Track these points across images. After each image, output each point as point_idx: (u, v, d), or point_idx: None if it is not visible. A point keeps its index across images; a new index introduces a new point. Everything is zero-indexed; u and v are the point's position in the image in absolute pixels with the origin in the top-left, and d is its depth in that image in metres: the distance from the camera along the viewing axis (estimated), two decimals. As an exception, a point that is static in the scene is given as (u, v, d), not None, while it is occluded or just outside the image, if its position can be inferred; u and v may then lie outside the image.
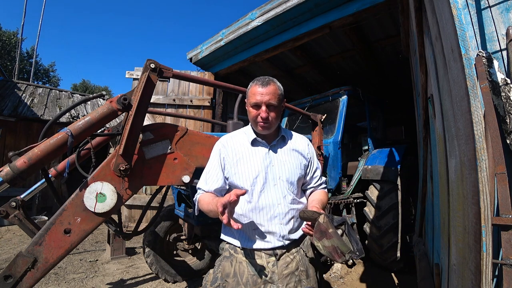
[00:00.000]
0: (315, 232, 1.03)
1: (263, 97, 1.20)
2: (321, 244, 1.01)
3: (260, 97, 1.21)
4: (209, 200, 1.18)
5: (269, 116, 1.22)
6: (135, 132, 1.46)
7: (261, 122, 1.23)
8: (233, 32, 4.58)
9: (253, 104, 1.23)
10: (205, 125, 5.18)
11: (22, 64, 20.01)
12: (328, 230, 1.00)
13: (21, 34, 15.10)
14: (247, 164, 1.25)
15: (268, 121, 1.23)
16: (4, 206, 1.79)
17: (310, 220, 1.07)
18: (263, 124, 1.23)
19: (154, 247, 2.99)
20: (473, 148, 0.87)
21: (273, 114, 1.23)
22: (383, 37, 4.38)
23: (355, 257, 1.01)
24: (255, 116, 1.24)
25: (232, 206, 1.03)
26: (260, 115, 1.22)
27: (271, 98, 1.21)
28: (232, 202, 0.98)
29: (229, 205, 0.99)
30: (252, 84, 1.25)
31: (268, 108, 1.22)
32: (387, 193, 3.30)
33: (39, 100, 8.37)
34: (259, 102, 1.21)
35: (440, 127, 1.53)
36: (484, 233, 0.82)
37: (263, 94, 1.20)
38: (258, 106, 1.22)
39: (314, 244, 1.04)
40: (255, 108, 1.23)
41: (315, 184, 1.40)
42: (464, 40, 0.94)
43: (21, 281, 1.18)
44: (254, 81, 1.26)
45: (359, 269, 3.51)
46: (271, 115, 1.22)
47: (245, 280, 1.19)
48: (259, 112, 1.22)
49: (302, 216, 1.09)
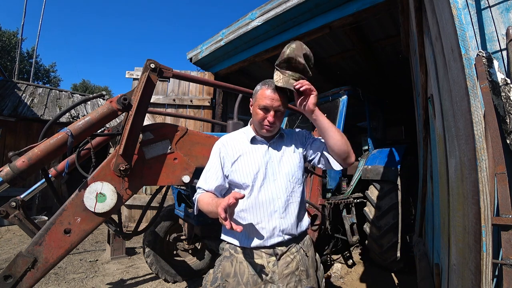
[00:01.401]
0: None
1: (273, 103, 1.22)
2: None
3: (270, 102, 1.22)
4: (209, 200, 1.19)
5: (275, 120, 1.25)
6: (135, 132, 1.45)
7: (267, 126, 1.25)
8: (233, 32, 4.58)
9: (262, 107, 1.24)
10: (205, 125, 5.18)
11: (22, 64, 20.00)
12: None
13: (21, 34, 15.11)
14: (248, 161, 1.27)
15: (274, 125, 1.25)
16: (4, 206, 1.79)
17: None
18: (268, 128, 1.25)
19: (154, 247, 2.99)
20: (473, 148, 0.87)
21: (279, 118, 1.26)
22: (383, 37, 4.37)
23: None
24: (262, 119, 1.25)
25: (232, 209, 1.04)
26: (267, 119, 1.23)
27: (281, 104, 1.23)
28: (232, 205, 0.99)
29: (229, 208, 1.00)
30: (264, 87, 1.25)
31: (275, 113, 1.24)
32: (387, 193, 3.30)
33: (39, 100, 8.37)
34: (269, 107, 1.22)
35: (440, 127, 1.53)
36: (484, 233, 0.82)
37: (274, 99, 1.22)
38: (266, 110, 1.24)
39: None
40: (263, 111, 1.24)
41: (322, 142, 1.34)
42: (464, 40, 0.94)
43: (21, 281, 1.18)
44: (266, 83, 1.26)
45: (359, 269, 3.51)
46: (277, 120, 1.25)
47: (245, 280, 1.19)
48: (266, 116, 1.24)
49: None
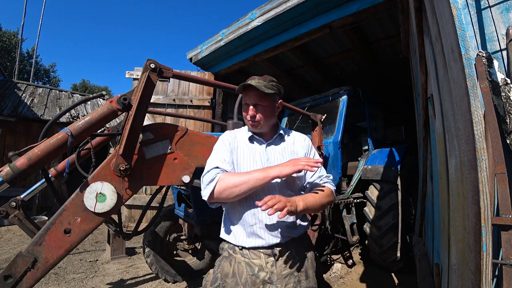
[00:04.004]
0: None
1: (250, 97, 1.26)
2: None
3: (248, 97, 1.27)
4: (243, 174, 1.17)
5: (257, 115, 1.27)
6: (135, 132, 1.45)
7: (249, 121, 1.29)
8: (233, 32, 4.58)
9: (244, 103, 1.30)
10: (205, 125, 5.18)
11: (22, 64, 19.99)
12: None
13: (21, 34, 15.13)
14: (246, 160, 1.28)
15: (257, 120, 1.28)
16: (4, 206, 1.79)
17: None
18: (251, 122, 1.29)
19: (154, 247, 2.99)
20: (473, 148, 0.87)
21: (261, 113, 1.28)
22: (383, 37, 4.38)
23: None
24: (246, 115, 1.30)
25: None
26: (248, 114, 1.27)
27: (258, 98, 1.25)
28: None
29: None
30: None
31: (255, 107, 1.27)
32: (387, 193, 3.30)
33: (39, 100, 8.37)
34: (248, 102, 1.27)
35: (440, 127, 1.53)
36: (484, 233, 0.82)
37: (251, 95, 1.26)
38: (247, 105, 1.29)
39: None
40: (245, 107, 1.30)
41: (316, 177, 1.35)
42: (464, 40, 0.94)
43: (21, 281, 1.17)
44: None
45: (359, 269, 3.51)
46: (259, 114, 1.27)
47: (244, 280, 1.19)
48: (247, 111, 1.28)
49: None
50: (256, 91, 1.24)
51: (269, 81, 1.27)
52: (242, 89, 1.28)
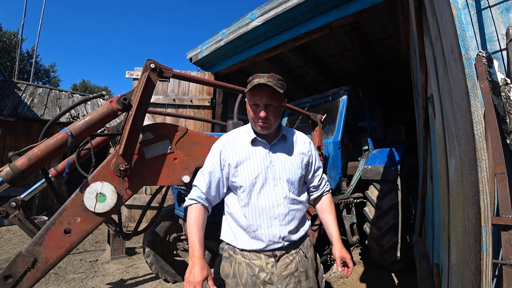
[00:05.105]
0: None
1: (261, 97, 1.17)
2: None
3: (259, 97, 1.18)
4: (194, 229, 1.20)
5: (268, 115, 1.19)
6: (135, 132, 1.45)
7: (260, 122, 1.20)
8: (233, 32, 4.58)
9: (252, 103, 1.21)
10: (205, 125, 5.18)
11: (22, 64, 19.98)
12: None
13: (21, 34, 15.13)
14: (247, 164, 1.23)
15: (267, 121, 1.20)
16: (4, 206, 1.79)
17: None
18: (262, 124, 1.20)
19: (154, 247, 2.99)
20: (473, 148, 0.87)
21: (273, 114, 1.21)
22: (383, 37, 4.38)
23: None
24: (254, 116, 1.21)
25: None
26: (259, 114, 1.18)
27: (271, 98, 1.18)
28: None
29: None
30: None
31: (267, 108, 1.18)
32: (387, 193, 3.30)
33: (39, 100, 8.37)
34: (258, 102, 1.19)
35: (440, 127, 1.53)
36: (484, 233, 0.81)
37: (262, 94, 1.17)
38: (257, 105, 1.20)
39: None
40: (254, 107, 1.21)
41: (318, 183, 1.40)
42: (464, 40, 0.94)
43: (21, 281, 1.17)
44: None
45: (359, 269, 3.51)
46: (270, 115, 1.19)
47: (244, 281, 1.19)
48: (257, 112, 1.19)
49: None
50: (268, 90, 1.15)
51: (277, 80, 1.18)
52: (253, 88, 1.17)
